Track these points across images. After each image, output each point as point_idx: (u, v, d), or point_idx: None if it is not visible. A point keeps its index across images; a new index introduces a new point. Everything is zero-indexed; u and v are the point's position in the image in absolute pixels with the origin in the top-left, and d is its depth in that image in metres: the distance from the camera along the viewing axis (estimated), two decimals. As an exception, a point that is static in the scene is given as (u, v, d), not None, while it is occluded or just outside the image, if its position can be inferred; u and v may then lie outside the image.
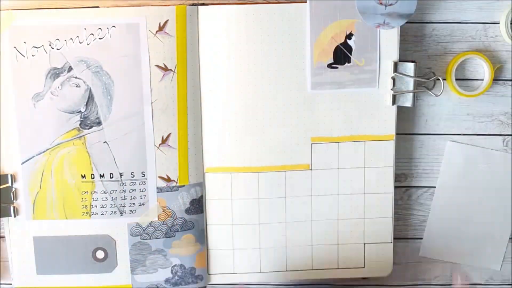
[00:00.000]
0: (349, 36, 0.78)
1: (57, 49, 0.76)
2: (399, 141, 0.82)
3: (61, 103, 0.77)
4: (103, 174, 0.79)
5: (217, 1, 0.78)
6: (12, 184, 0.79)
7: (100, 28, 0.76)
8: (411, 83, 0.79)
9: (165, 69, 0.77)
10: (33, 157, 0.78)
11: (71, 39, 0.76)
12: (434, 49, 0.81)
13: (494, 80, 0.81)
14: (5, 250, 0.82)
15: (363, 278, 0.85)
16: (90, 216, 0.80)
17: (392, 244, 0.83)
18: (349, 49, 0.78)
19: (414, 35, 0.81)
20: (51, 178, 0.79)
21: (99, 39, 0.76)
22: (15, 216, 0.80)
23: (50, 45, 0.76)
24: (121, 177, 0.79)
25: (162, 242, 0.81)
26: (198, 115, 0.79)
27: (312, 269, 0.83)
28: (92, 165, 0.79)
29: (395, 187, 0.82)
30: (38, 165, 0.78)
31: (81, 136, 0.78)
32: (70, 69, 0.77)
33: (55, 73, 0.77)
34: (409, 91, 0.79)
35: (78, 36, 0.76)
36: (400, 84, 0.79)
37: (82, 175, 0.79)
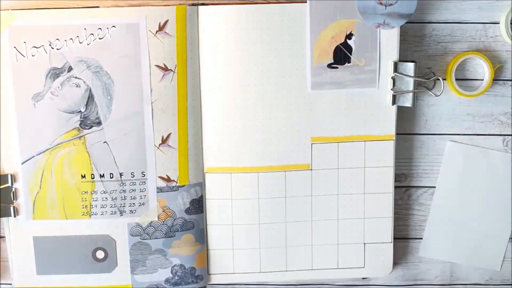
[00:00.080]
0: (349, 36, 0.78)
1: (57, 49, 0.76)
2: (399, 141, 0.82)
3: (61, 103, 0.77)
4: (103, 174, 0.79)
5: (217, 1, 0.78)
6: (12, 184, 0.79)
7: (100, 28, 0.76)
8: (411, 83, 0.79)
9: (165, 69, 0.77)
10: (33, 157, 0.78)
11: (71, 39, 0.76)
12: (434, 49, 0.81)
13: (494, 80, 0.81)
14: (5, 250, 0.82)
15: (363, 278, 0.85)
16: (90, 216, 0.80)
17: (392, 244, 0.83)
18: (349, 49, 0.78)
19: (414, 35, 0.81)
20: (51, 178, 0.79)
21: (99, 39, 0.76)
22: (15, 216, 0.80)
23: (50, 45, 0.76)
24: (121, 177, 0.79)
25: (162, 242, 0.81)
26: (198, 115, 0.79)
27: (312, 269, 0.83)
28: (92, 165, 0.79)
29: (395, 187, 0.82)
30: (38, 165, 0.78)
31: (81, 136, 0.78)
32: (70, 69, 0.77)
33: (55, 73, 0.77)
34: (409, 91, 0.79)
35: (78, 36, 0.76)
36: (400, 84, 0.79)
37: (82, 175, 0.79)
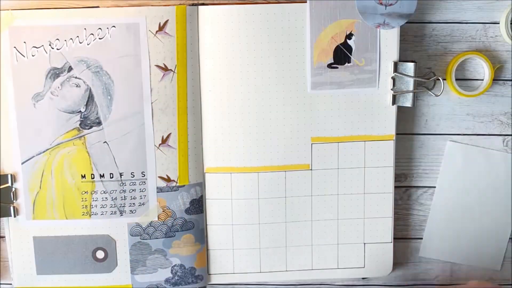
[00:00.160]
0: (349, 36, 0.78)
1: (57, 49, 0.76)
2: (399, 141, 0.82)
3: (61, 103, 0.77)
4: (103, 174, 0.79)
5: (217, 1, 0.78)
6: (12, 184, 0.79)
7: (100, 28, 0.76)
8: (411, 83, 0.79)
9: (165, 69, 0.77)
10: (33, 157, 0.78)
11: (71, 39, 0.76)
12: (434, 49, 0.81)
13: (494, 80, 0.81)
14: (5, 250, 0.82)
15: (363, 278, 0.85)
16: (90, 216, 0.80)
17: (392, 244, 0.83)
18: (349, 49, 0.78)
19: (414, 35, 0.81)
20: (51, 178, 0.79)
21: (99, 39, 0.76)
22: (15, 216, 0.80)
23: (50, 45, 0.76)
24: (121, 177, 0.79)
25: (162, 242, 0.81)
26: (198, 115, 0.79)
27: (312, 269, 0.83)
28: (92, 165, 0.79)
29: (395, 187, 0.82)
30: (38, 165, 0.78)
31: (81, 136, 0.78)
32: (70, 69, 0.77)
33: (55, 73, 0.77)
34: (409, 91, 0.79)
35: (78, 36, 0.76)
36: (400, 84, 0.79)
37: (82, 175, 0.79)
